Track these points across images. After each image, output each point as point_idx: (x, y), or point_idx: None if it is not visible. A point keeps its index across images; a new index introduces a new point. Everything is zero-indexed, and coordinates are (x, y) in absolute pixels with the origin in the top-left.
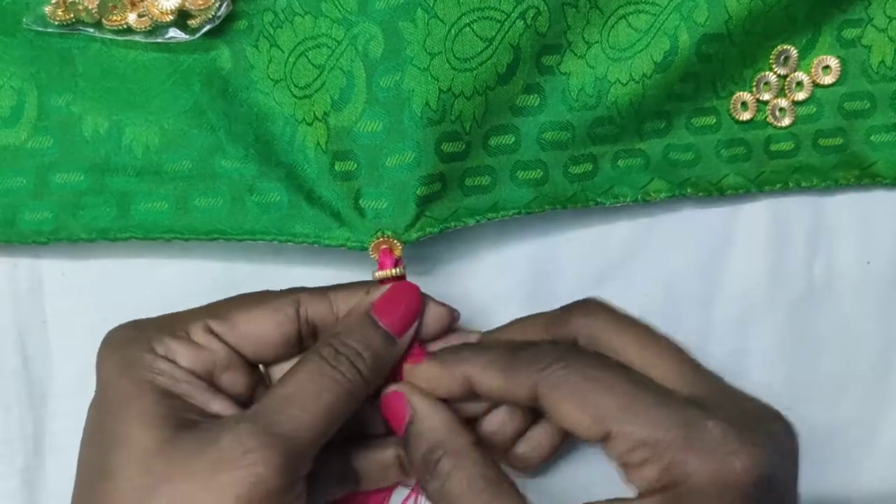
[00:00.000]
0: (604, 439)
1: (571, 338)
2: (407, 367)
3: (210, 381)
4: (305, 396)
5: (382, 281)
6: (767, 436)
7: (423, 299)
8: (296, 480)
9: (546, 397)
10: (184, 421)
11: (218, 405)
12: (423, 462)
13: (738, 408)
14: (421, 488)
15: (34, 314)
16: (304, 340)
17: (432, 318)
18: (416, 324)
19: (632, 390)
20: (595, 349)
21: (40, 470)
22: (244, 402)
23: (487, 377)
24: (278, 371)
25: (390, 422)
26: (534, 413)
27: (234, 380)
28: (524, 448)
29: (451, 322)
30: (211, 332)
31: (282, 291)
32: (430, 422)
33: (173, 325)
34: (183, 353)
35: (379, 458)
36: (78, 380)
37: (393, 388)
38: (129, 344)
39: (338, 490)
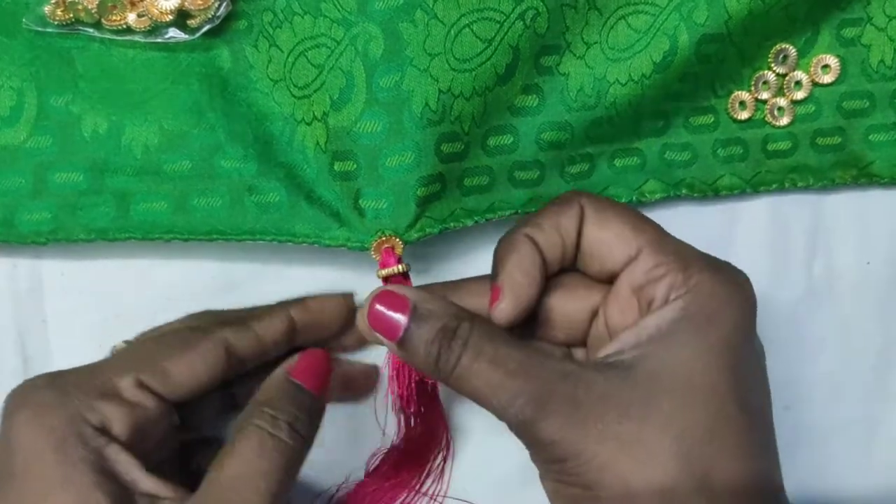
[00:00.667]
0: (629, 261)
1: (579, 212)
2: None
3: (144, 440)
4: (255, 477)
5: (387, 279)
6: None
7: (330, 358)
8: None
9: (590, 215)
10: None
11: (148, 484)
12: (442, 333)
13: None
14: (434, 364)
15: (34, 314)
16: (227, 375)
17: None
18: (329, 384)
19: (657, 224)
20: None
21: None
22: (169, 455)
23: (542, 221)
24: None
25: (381, 328)
26: None
27: (160, 435)
28: None
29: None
30: (142, 386)
31: (205, 330)
32: (435, 302)
33: (99, 382)
34: (117, 416)
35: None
36: None
37: (380, 289)
38: (54, 412)
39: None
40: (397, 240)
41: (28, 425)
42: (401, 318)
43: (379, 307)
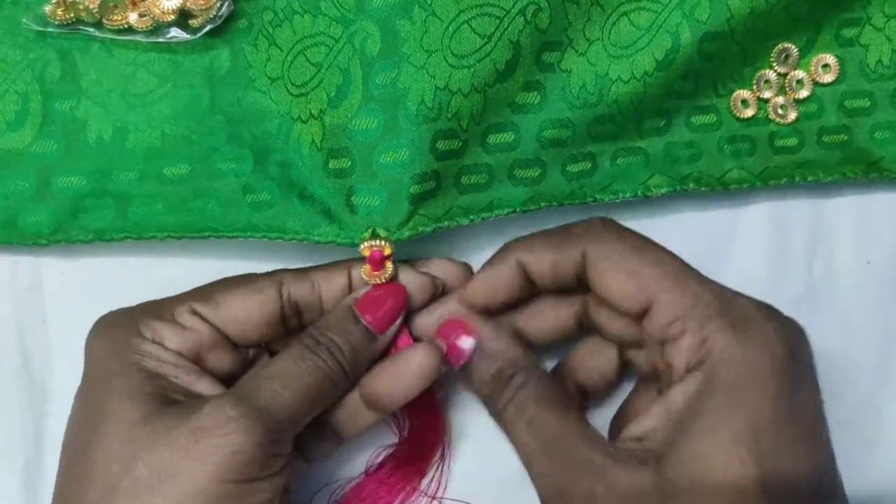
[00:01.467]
0: (644, 311)
1: (579, 258)
2: (463, 290)
3: (197, 361)
4: (287, 376)
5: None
6: (788, 318)
7: (408, 297)
8: (274, 455)
9: (594, 266)
10: (168, 399)
11: (203, 385)
12: (496, 377)
13: (748, 300)
14: (487, 406)
15: (34, 313)
16: (287, 321)
17: (417, 289)
18: (399, 320)
19: (676, 266)
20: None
21: (41, 468)
22: (231, 383)
23: (539, 254)
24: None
25: (448, 351)
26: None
27: (220, 360)
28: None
29: (435, 292)
30: (196, 313)
31: (265, 274)
32: (499, 343)
33: (159, 308)
34: (169, 335)
35: (347, 403)
36: (78, 378)
37: (450, 315)
38: (116, 328)
39: (320, 449)
40: (385, 242)
41: (96, 341)
42: (467, 346)
43: (449, 330)
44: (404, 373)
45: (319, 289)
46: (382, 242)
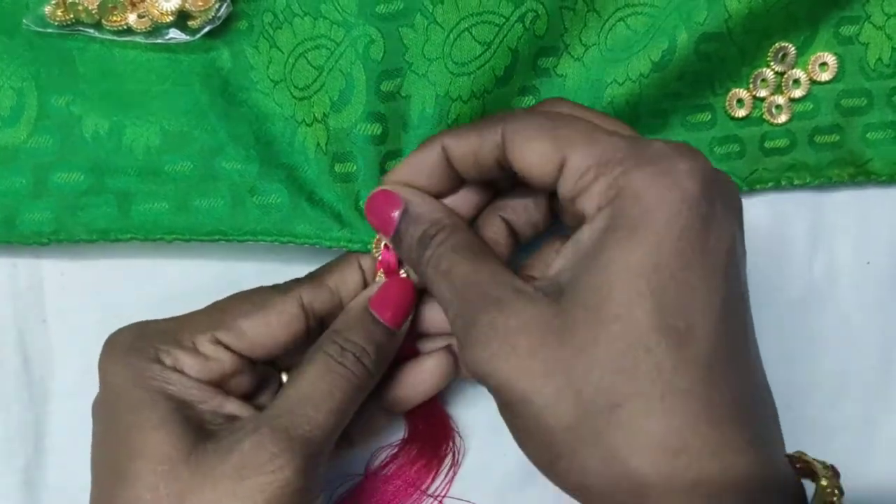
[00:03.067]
0: (558, 171)
1: (499, 138)
2: (388, 173)
3: (219, 386)
4: (317, 396)
5: (387, 276)
6: (710, 164)
7: (416, 292)
8: (316, 478)
9: (511, 140)
10: (201, 427)
11: (231, 406)
12: (420, 240)
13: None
14: (414, 267)
15: (34, 313)
16: (311, 333)
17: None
18: (411, 315)
19: (588, 125)
20: None
21: (40, 469)
22: (254, 396)
23: (462, 139)
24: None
25: (377, 223)
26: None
27: (241, 382)
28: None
29: None
30: (219, 342)
31: (282, 289)
32: (423, 206)
33: (179, 333)
34: (191, 364)
35: (363, 414)
36: (78, 379)
37: (378, 188)
38: (134, 352)
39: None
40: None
41: (114, 363)
42: (395, 215)
43: (377, 202)
44: (423, 380)
45: (339, 292)
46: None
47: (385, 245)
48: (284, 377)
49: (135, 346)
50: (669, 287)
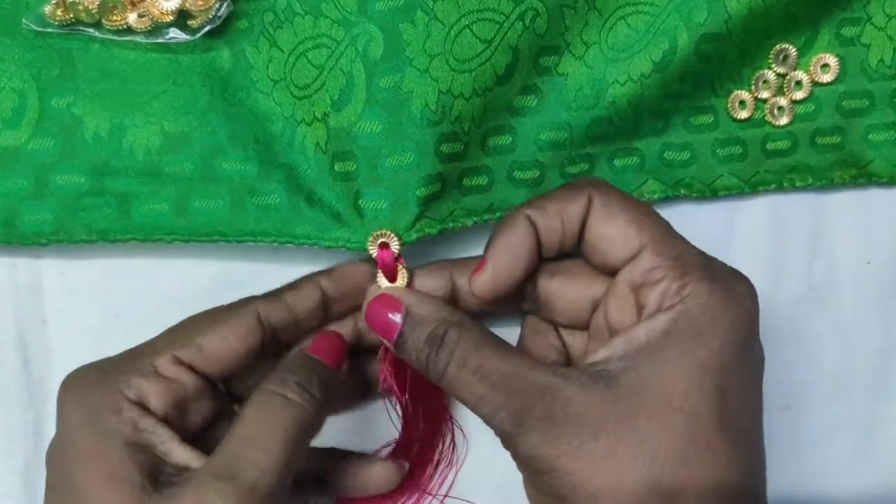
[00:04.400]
0: (631, 257)
1: (587, 201)
2: (478, 275)
3: (181, 415)
4: (261, 436)
5: (384, 273)
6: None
7: (346, 341)
8: None
9: (599, 209)
10: (152, 475)
11: (181, 454)
12: (430, 340)
13: (723, 263)
14: (427, 372)
15: (34, 313)
16: (266, 348)
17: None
18: (345, 363)
19: (667, 223)
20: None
21: (40, 469)
22: (212, 428)
23: (546, 207)
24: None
25: (377, 328)
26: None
27: (201, 409)
28: None
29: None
30: (180, 363)
31: (237, 304)
32: (427, 307)
33: (138, 361)
34: (153, 391)
35: (359, 469)
36: None
37: (377, 293)
38: (93, 388)
39: (318, 497)
40: (393, 235)
41: (70, 403)
42: (396, 319)
43: (376, 308)
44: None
45: (294, 307)
46: (391, 234)
47: (381, 243)
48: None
49: (95, 382)
50: (727, 387)
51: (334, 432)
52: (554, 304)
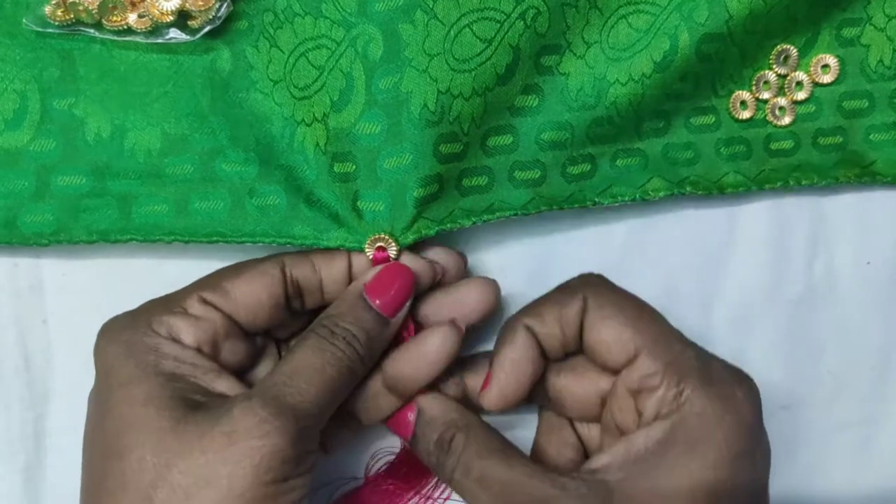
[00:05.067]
0: (629, 361)
1: (582, 304)
2: (487, 391)
3: (214, 353)
4: (309, 371)
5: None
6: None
7: (414, 279)
8: (306, 452)
9: (593, 312)
10: (190, 401)
11: (223, 384)
12: (438, 444)
13: (722, 363)
14: (436, 471)
15: (35, 313)
16: (291, 302)
17: (420, 272)
18: (408, 303)
19: (665, 324)
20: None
21: (41, 468)
22: (247, 374)
23: (543, 313)
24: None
25: (395, 427)
26: None
27: (235, 350)
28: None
29: (435, 277)
30: (206, 302)
31: (265, 257)
32: (438, 409)
33: (168, 303)
34: (184, 328)
35: (367, 390)
36: (79, 378)
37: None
38: (127, 329)
39: (339, 438)
40: (390, 239)
41: (107, 347)
42: (410, 418)
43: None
44: (425, 353)
45: (320, 270)
46: (388, 238)
47: (378, 246)
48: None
49: (128, 324)
50: (723, 498)
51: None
52: (564, 400)
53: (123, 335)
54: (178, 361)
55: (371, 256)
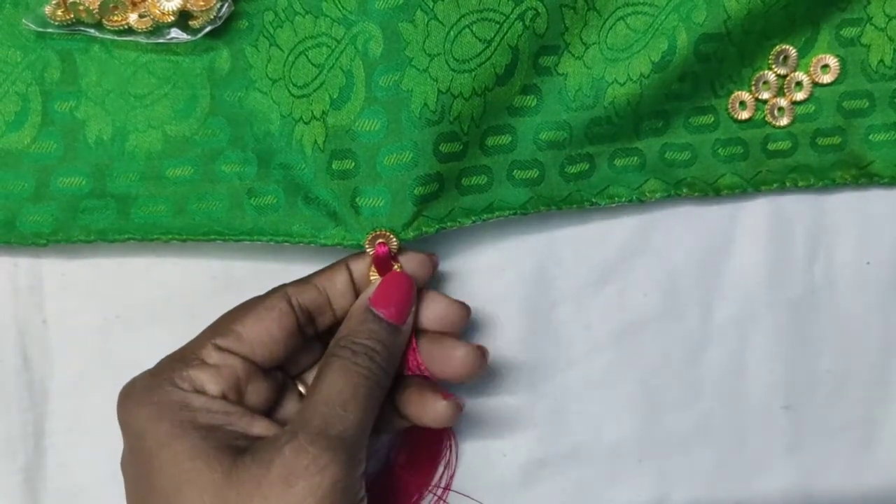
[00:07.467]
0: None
1: None
2: None
3: (239, 398)
4: (343, 396)
5: (381, 274)
6: None
7: (415, 286)
8: (359, 475)
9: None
10: (235, 448)
11: (258, 427)
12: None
13: None
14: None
15: (34, 313)
16: (303, 329)
17: (418, 268)
18: (414, 308)
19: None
20: None
21: (40, 468)
22: (274, 413)
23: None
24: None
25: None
26: None
27: (259, 392)
28: None
29: (434, 267)
30: (221, 349)
31: (269, 292)
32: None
33: (185, 357)
34: (207, 379)
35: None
36: (78, 378)
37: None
38: (152, 390)
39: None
40: (391, 235)
41: (133, 410)
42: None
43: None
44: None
45: (325, 290)
46: (389, 234)
47: (379, 242)
48: (302, 389)
49: (151, 385)
50: None
51: None
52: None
53: (151, 397)
54: (211, 412)
55: (371, 252)
